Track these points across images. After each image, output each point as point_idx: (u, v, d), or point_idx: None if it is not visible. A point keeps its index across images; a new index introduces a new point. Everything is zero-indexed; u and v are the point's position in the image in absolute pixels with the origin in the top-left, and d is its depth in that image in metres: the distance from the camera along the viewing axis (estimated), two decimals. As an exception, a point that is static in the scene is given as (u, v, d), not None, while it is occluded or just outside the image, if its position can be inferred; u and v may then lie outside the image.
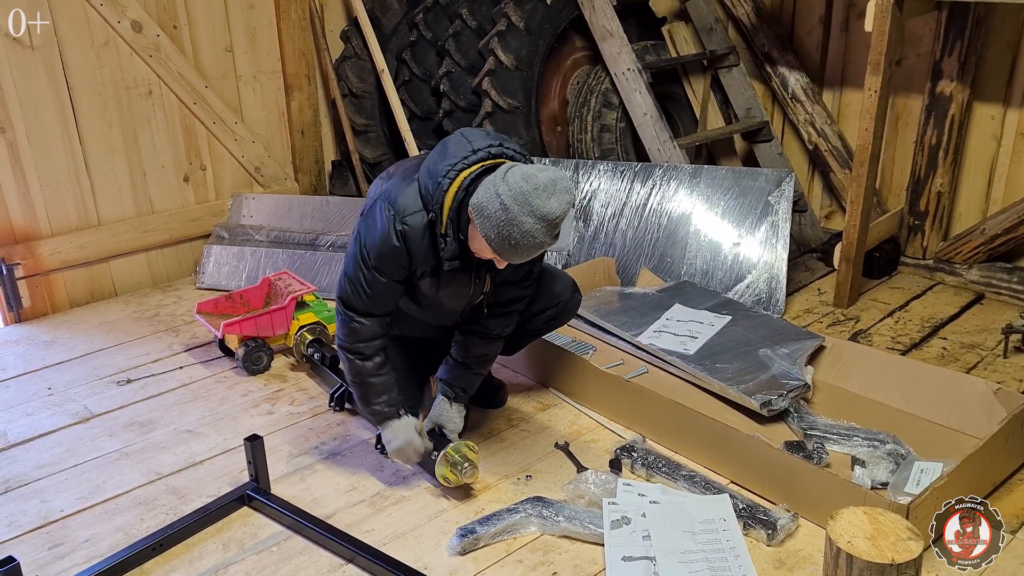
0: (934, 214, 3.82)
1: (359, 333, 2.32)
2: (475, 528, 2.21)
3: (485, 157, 2.13)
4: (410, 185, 2.21)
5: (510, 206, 1.99)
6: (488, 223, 2.04)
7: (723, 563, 2.08)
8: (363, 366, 2.35)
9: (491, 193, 2.03)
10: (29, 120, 3.44)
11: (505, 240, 2.04)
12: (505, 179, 2.03)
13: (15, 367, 3.23)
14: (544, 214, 2.00)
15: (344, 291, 2.31)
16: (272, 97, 4.24)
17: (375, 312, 2.31)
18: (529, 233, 2.01)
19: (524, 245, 2.04)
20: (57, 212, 3.61)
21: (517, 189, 2.00)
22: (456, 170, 2.11)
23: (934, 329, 3.38)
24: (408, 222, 2.16)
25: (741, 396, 2.68)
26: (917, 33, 3.75)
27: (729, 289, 3.48)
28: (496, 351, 2.58)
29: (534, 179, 2.00)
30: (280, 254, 3.88)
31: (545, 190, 2.00)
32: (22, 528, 2.33)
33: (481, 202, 2.05)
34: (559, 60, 4.22)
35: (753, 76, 4.35)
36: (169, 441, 2.73)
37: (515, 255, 2.09)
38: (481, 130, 2.25)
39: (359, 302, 2.29)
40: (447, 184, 2.10)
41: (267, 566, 2.16)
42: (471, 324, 2.50)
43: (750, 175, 3.63)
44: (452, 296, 2.36)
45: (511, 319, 2.53)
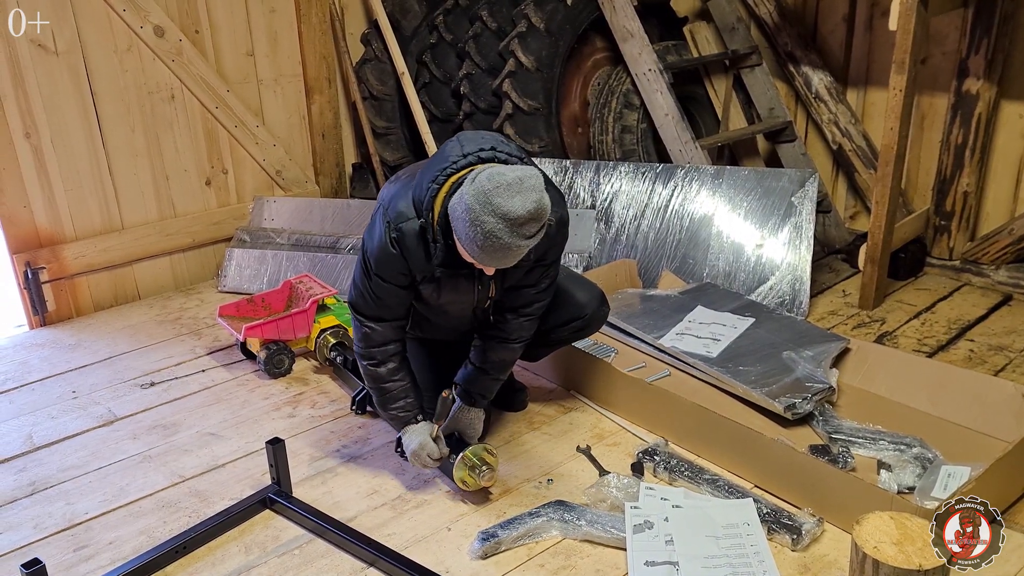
0: (961, 214, 3.77)
1: (371, 338, 2.34)
2: (497, 532, 2.21)
3: (474, 161, 2.11)
4: (406, 190, 2.21)
5: (472, 206, 1.95)
6: (458, 224, 2.01)
7: (747, 568, 2.05)
8: (377, 372, 2.37)
9: (459, 195, 2.01)
10: (54, 125, 3.47)
11: (472, 242, 1.99)
12: (474, 180, 1.98)
13: (40, 370, 3.26)
14: (504, 212, 1.92)
15: (353, 296, 2.34)
16: (293, 100, 4.26)
17: (384, 317, 2.32)
18: (492, 234, 1.94)
19: (490, 247, 1.97)
20: (81, 216, 3.64)
21: (480, 188, 1.95)
22: (445, 175, 2.10)
23: (961, 331, 3.33)
24: (402, 228, 2.16)
25: (765, 399, 2.65)
26: (942, 31, 3.70)
27: (752, 291, 3.46)
28: (515, 357, 2.56)
29: (500, 178, 1.94)
30: (301, 257, 3.89)
31: (508, 188, 1.93)
32: (47, 530, 2.35)
33: (453, 204, 2.03)
34: (579, 61, 4.21)
35: (776, 76, 4.31)
36: (192, 444, 2.74)
37: (487, 258, 2.03)
38: (481, 133, 2.22)
39: (367, 307, 2.31)
40: (435, 189, 2.10)
41: (289, 569, 2.17)
42: (489, 329, 2.49)
43: (773, 176, 3.60)
44: (455, 303, 2.35)
45: (530, 324, 2.50)
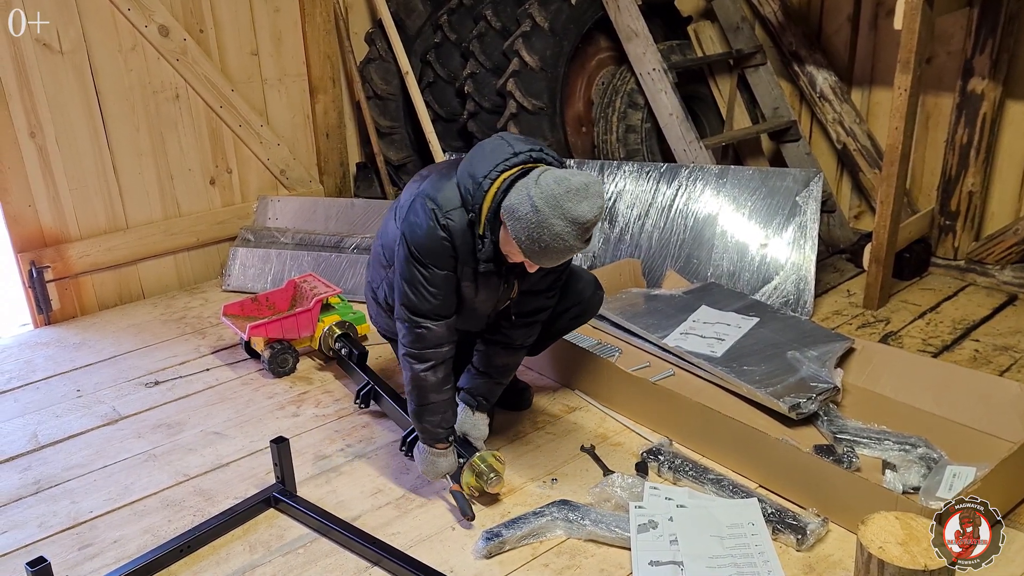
0: (966, 214, 3.76)
1: (426, 339, 2.26)
2: (501, 531, 2.21)
3: (526, 160, 2.12)
4: (449, 182, 2.20)
5: (541, 208, 1.99)
6: (519, 225, 2.03)
7: (752, 568, 2.05)
8: (427, 379, 2.29)
9: (523, 195, 2.03)
10: (58, 124, 3.48)
11: (535, 243, 2.03)
12: (538, 182, 2.02)
13: (45, 369, 3.27)
14: (575, 217, 1.99)
15: (405, 296, 2.25)
16: (297, 100, 4.26)
17: (441, 312, 2.25)
18: (559, 236, 2.00)
19: (554, 248, 2.03)
20: (86, 215, 3.65)
21: (549, 192, 1.99)
22: (497, 171, 2.10)
23: (966, 331, 3.32)
24: (452, 217, 2.16)
25: (769, 399, 2.65)
26: (948, 31, 3.69)
27: (756, 291, 3.45)
28: (518, 361, 2.57)
29: (567, 182, 2.00)
30: (305, 256, 3.89)
31: (577, 194, 1.99)
32: (52, 529, 2.35)
33: (513, 204, 2.04)
34: (584, 61, 4.20)
35: (780, 75, 4.31)
36: (196, 443, 2.75)
37: (544, 258, 2.08)
38: (520, 136, 2.24)
39: (423, 304, 2.23)
40: (488, 185, 2.10)
41: (293, 568, 2.17)
42: (494, 334, 2.48)
43: (777, 175, 3.59)
44: (484, 300, 2.34)
45: (534, 329, 2.51)
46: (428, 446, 2.36)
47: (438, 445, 2.35)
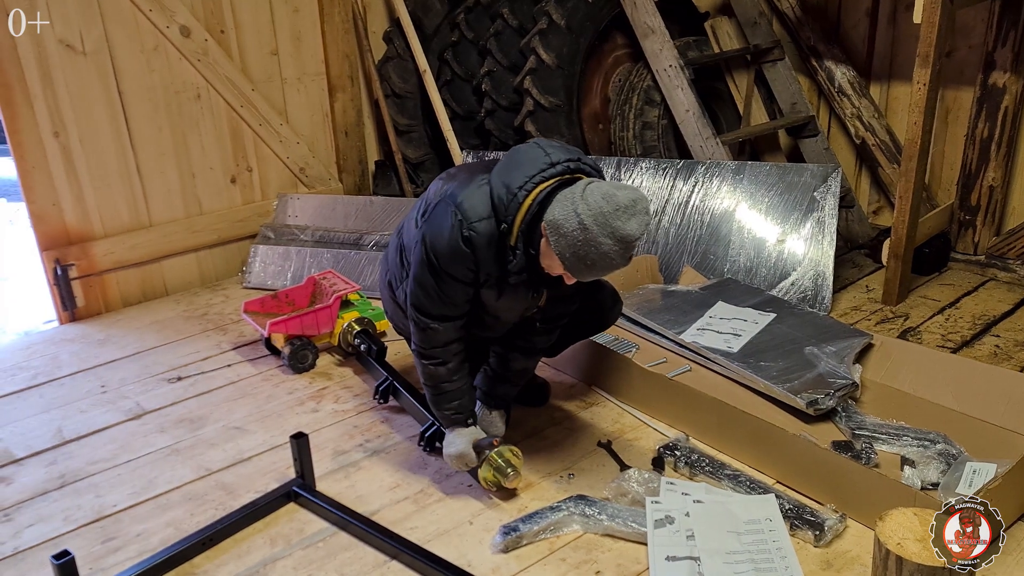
0: (986, 209, 3.73)
1: (434, 338, 2.29)
2: (518, 526, 2.22)
3: (564, 171, 2.07)
4: (479, 188, 2.14)
5: (589, 226, 1.95)
6: (564, 241, 1.99)
7: (769, 564, 2.05)
8: (437, 371, 2.33)
9: (569, 211, 1.98)
10: (82, 124, 3.52)
11: (581, 260, 2.00)
12: (584, 197, 1.98)
13: (70, 365, 3.32)
14: (623, 236, 1.96)
15: (416, 296, 2.26)
16: (316, 99, 4.29)
17: (449, 315, 2.26)
18: (607, 255, 1.98)
19: (599, 265, 2.00)
20: (110, 214, 3.70)
21: (597, 209, 1.95)
22: (533, 183, 2.05)
23: (986, 326, 3.30)
24: (476, 228, 2.11)
25: (787, 395, 2.64)
26: (968, 24, 3.66)
27: (773, 287, 3.44)
28: (535, 364, 2.59)
29: (614, 199, 1.95)
30: (325, 254, 3.92)
31: (626, 211, 1.95)
32: (77, 522, 2.39)
33: (558, 219, 2.00)
34: (600, 58, 4.21)
35: (798, 70, 4.29)
36: (218, 438, 2.78)
37: (588, 274, 2.05)
38: (555, 142, 2.18)
39: (432, 306, 2.24)
40: (523, 196, 2.05)
41: (313, 561, 2.19)
42: (515, 339, 2.47)
43: (795, 171, 3.58)
44: (509, 309, 2.32)
45: (554, 335, 2.52)
46: (451, 433, 2.40)
47: (458, 428, 2.38)
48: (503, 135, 4.15)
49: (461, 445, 2.37)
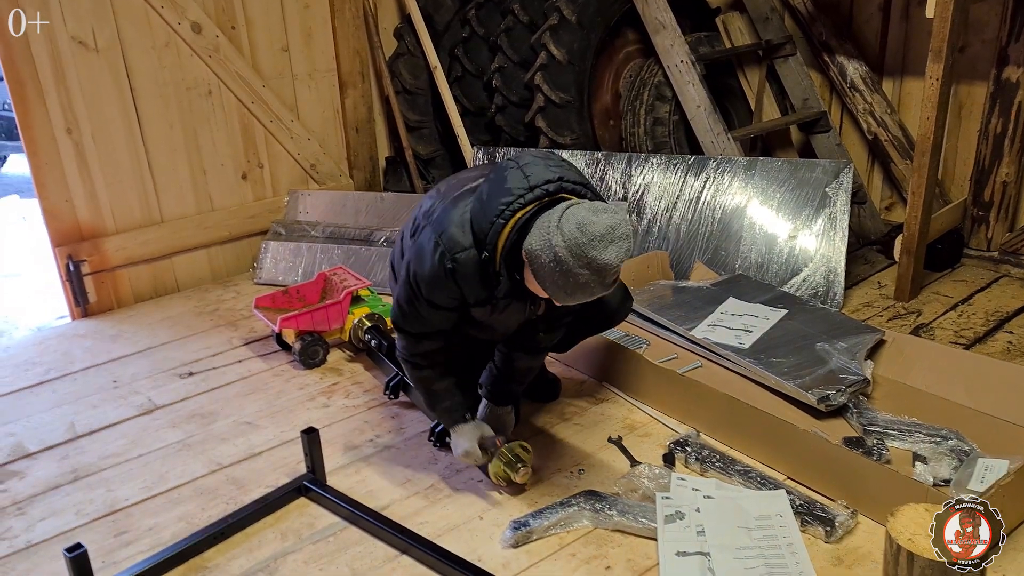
0: (999, 204, 3.70)
1: (415, 347, 2.31)
2: (528, 521, 2.22)
3: (541, 195, 2.01)
4: (462, 215, 2.12)
5: (564, 259, 1.90)
6: (542, 272, 1.96)
7: (779, 559, 2.05)
8: (422, 374, 2.36)
9: (544, 242, 1.93)
10: (94, 121, 3.54)
11: (561, 289, 1.96)
12: (560, 227, 1.91)
13: (82, 360, 3.34)
14: (600, 266, 1.89)
15: (397, 315, 2.28)
16: (327, 95, 4.30)
17: (428, 332, 2.28)
18: (585, 285, 1.93)
19: (581, 293, 1.96)
20: (122, 210, 3.71)
21: (572, 240, 1.88)
22: (511, 210, 2.00)
23: (999, 323, 3.28)
24: (458, 259, 2.07)
25: (798, 391, 2.63)
26: (982, 19, 3.64)
27: (785, 283, 3.43)
28: (540, 363, 2.58)
29: (590, 229, 1.87)
30: (335, 249, 3.93)
31: (602, 240, 1.87)
32: (89, 516, 2.41)
33: (535, 250, 1.96)
34: (611, 53, 4.20)
35: (810, 66, 4.27)
36: (229, 433, 2.79)
37: (571, 300, 2.00)
38: (543, 159, 2.10)
39: (412, 326, 2.26)
40: (500, 225, 2.01)
41: (324, 555, 2.20)
42: (518, 339, 2.46)
43: (807, 166, 3.57)
44: (504, 321, 2.31)
45: (558, 334, 2.51)
46: (454, 432, 2.40)
47: (459, 426, 2.39)
48: (514, 131, 4.15)
49: (465, 443, 2.37)
